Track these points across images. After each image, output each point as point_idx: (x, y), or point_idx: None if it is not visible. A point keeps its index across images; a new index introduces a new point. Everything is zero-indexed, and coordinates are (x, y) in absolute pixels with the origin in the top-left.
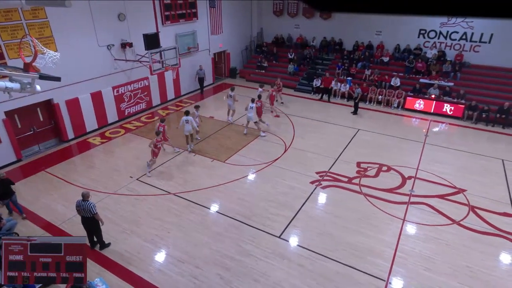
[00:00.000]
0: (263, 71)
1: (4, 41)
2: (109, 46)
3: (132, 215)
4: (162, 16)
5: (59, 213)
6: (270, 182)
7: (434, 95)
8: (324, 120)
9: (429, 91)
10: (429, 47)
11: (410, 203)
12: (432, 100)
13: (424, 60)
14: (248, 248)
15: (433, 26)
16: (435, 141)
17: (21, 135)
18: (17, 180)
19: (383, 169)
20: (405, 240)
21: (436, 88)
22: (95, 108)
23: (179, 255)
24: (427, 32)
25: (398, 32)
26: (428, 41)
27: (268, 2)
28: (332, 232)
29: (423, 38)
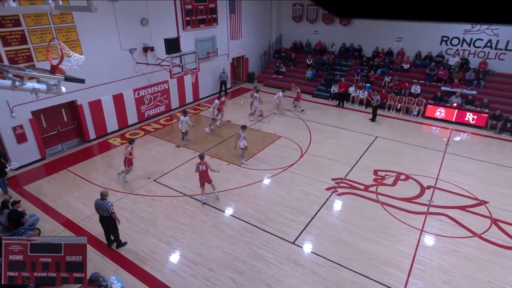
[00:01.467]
0: (281, 76)
1: (33, 44)
2: (132, 50)
3: (148, 215)
4: (183, 21)
5: (79, 211)
6: (285, 187)
7: (456, 104)
8: (341, 127)
9: (451, 99)
10: (451, 54)
11: (429, 214)
12: (454, 109)
13: (446, 68)
14: (262, 252)
15: (456, 33)
16: (456, 150)
17: (45, 135)
18: (41, 177)
19: (401, 178)
20: (423, 252)
21: (458, 96)
22: (116, 109)
23: (192, 257)
24: (450, 39)
25: (419, 39)
26: (450, 48)
27: (287, 8)
28: (347, 240)
29: (445, 45)
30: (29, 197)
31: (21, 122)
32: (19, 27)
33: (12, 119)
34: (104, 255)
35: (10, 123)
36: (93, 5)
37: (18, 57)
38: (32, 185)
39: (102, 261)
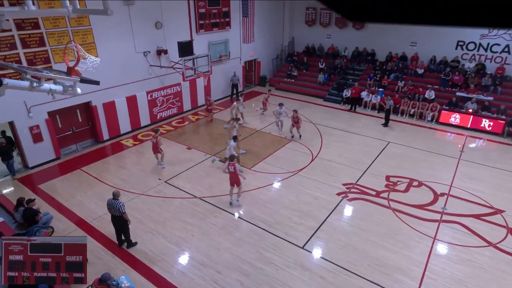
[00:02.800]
0: (292, 80)
1: (51, 46)
2: (146, 53)
3: (158, 216)
4: (196, 25)
5: (91, 211)
6: (295, 191)
7: (471, 110)
8: (353, 131)
9: (466, 105)
10: (467, 59)
11: (442, 221)
12: (469, 115)
13: (461, 73)
14: (269, 256)
15: (472, 38)
16: (471, 157)
17: (61, 135)
18: (55, 177)
19: (413, 184)
20: (435, 260)
21: (474, 102)
22: (129, 111)
23: (201, 259)
24: (466, 44)
25: (434, 44)
26: (466, 53)
27: (300, 12)
28: (357, 246)
29: (461, 50)
30: (43, 196)
31: (38, 122)
32: (38, 30)
33: (29, 119)
34: (114, 254)
35: (27, 123)
36: (109, 9)
37: (36, 59)
38: (46, 184)
39: (112, 260)
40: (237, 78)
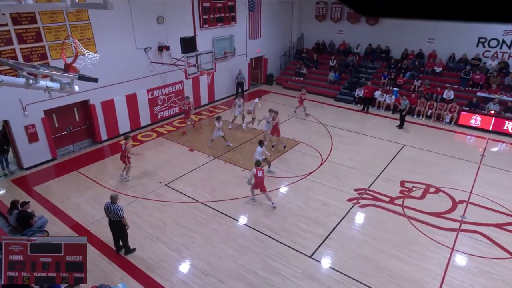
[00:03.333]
0: (301, 78)
1: (48, 41)
2: (147, 49)
3: (158, 221)
4: (200, 20)
5: (88, 214)
6: (303, 196)
7: (493, 111)
8: (366, 133)
9: (488, 106)
10: (489, 57)
11: (461, 231)
12: (491, 116)
13: (483, 72)
14: (275, 265)
15: (494, 34)
16: (493, 162)
17: (57, 134)
18: (50, 178)
19: (430, 190)
20: (453, 272)
21: (496, 103)
22: (129, 110)
23: (203, 267)
24: (488, 41)
25: (453, 40)
26: (488, 50)
27: (310, 6)
28: (369, 255)
29: (482, 47)
30: (38, 198)
31: (33, 121)
32: (35, 25)
33: (25, 118)
34: (111, 261)
35: (22, 122)
36: (109, 3)
37: (33, 55)
38: (42, 186)
39: (109, 267)
40: (243, 76)
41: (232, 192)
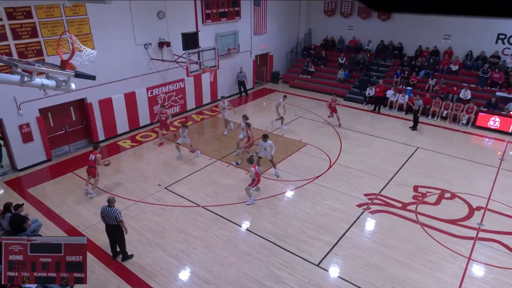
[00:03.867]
0: (309, 76)
1: (44, 37)
2: (146, 45)
3: (157, 226)
4: (202, 14)
5: (84, 218)
6: (309, 201)
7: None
8: (377, 135)
9: (508, 106)
10: (509, 54)
11: (478, 239)
12: (511, 118)
13: (502, 70)
14: (280, 273)
15: None
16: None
17: (52, 134)
18: (45, 180)
19: (445, 196)
20: (470, 283)
21: None
22: (127, 109)
23: (203, 275)
24: (508, 38)
25: (470, 37)
26: (508, 47)
27: (318, 1)
28: (380, 264)
29: (502, 44)
30: (32, 201)
31: (28, 120)
32: (31, 19)
33: (19, 117)
34: (108, 267)
35: (16, 121)
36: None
37: (28, 51)
38: (36, 188)
39: (105, 274)
40: (244, 74)
41: (235, 196)
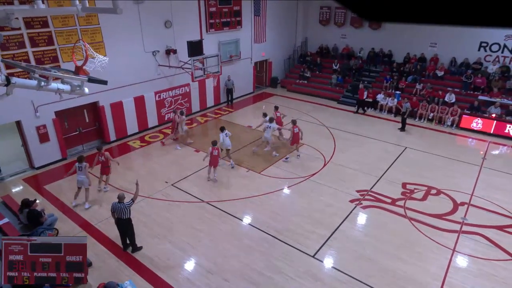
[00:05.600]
0: (305, 81)
1: (59, 45)
2: (155, 52)
3: (165, 220)
4: (206, 24)
5: (96, 213)
6: (306, 197)
7: (495, 114)
8: (368, 136)
9: (489, 109)
10: (491, 61)
11: (462, 232)
12: (492, 120)
13: (484, 76)
14: (279, 264)
15: (496, 39)
16: (494, 165)
17: (67, 135)
18: (61, 177)
19: (432, 192)
20: (455, 273)
21: (497, 106)
22: (137, 112)
23: (208, 266)
24: (489, 45)
25: (455, 45)
26: (490, 55)
27: (314, 11)
28: (371, 256)
29: (484, 51)
30: (48, 197)
31: (45, 122)
32: (47, 28)
33: (36, 119)
34: (119, 258)
35: (34, 123)
36: (118, 7)
37: (45, 58)
38: (52, 185)
39: (117, 264)
40: (232, 82)
41: (237, 192)
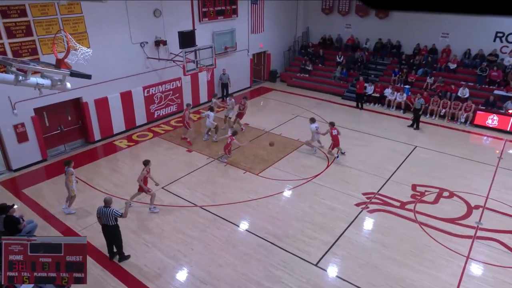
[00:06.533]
0: (307, 75)
1: (39, 36)
2: (143, 44)
3: (155, 226)
4: (199, 13)
5: (79, 219)
6: (308, 200)
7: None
8: (375, 134)
9: (506, 105)
10: (507, 53)
11: (477, 238)
12: (509, 116)
13: (500, 68)
14: (279, 274)
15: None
16: (511, 165)
17: (48, 134)
18: (41, 180)
19: (444, 195)
20: (469, 282)
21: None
22: (124, 108)
23: (201, 275)
24: (506, 36)
25: (469, 35)
26: (506, 46)
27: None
28: (378, 264)
29: (500, 42)
30: (27, 202)
31: (23, 120)
32: (25, 18)
33: (14, 117)
34: (105, 268)
35: (11, 121)
36: None
37: (23, 50)
38: (31, 189)
39: (102, 274)
40: (227, 76)
41: (232, 195)
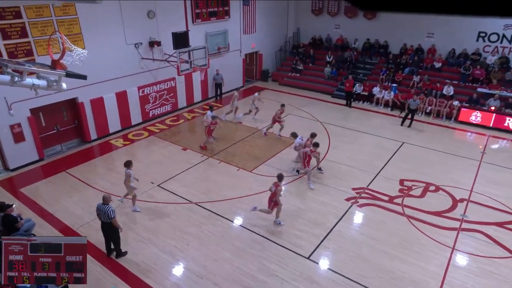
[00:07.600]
0: (298, 74)
1: (34, 37)
2: (137, 45)
3: (151, 223)
4: (192, 14)
5: (77, 217)
6: (299, 196)
7: (494, 107)
8: (364, 131)
9: (488, 102)
10: (489, 52)
11: (462, 230)
12: (491, 113)
13: (483, 67)
14: (273, 267)
15: (495, 29)
16: (494, 159)
17: (44, 134)
18: (38, 180)
19: (430, 189)
20: (454, 272)
21: (497, 99)
22: (119, 108)
23: (197, 270)
24: (488, 35)
25: (453, 35)
26: (488, 45)
27: (306, 0)
28: (368, 256)
29: (482, 41)
30: (25, 201)
31: (19, 120)
32: (20, 19)
33: (10, 117)
34: (103, 265)
35: (7, 121)
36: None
37: (18, 51)
38: (28, 188)
39: (100, 271)
40: (221, 76)
41: (227, 192)
